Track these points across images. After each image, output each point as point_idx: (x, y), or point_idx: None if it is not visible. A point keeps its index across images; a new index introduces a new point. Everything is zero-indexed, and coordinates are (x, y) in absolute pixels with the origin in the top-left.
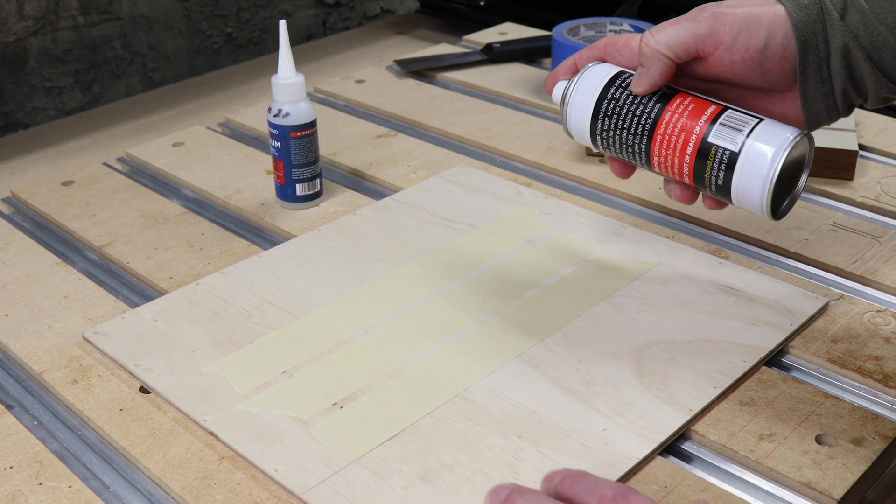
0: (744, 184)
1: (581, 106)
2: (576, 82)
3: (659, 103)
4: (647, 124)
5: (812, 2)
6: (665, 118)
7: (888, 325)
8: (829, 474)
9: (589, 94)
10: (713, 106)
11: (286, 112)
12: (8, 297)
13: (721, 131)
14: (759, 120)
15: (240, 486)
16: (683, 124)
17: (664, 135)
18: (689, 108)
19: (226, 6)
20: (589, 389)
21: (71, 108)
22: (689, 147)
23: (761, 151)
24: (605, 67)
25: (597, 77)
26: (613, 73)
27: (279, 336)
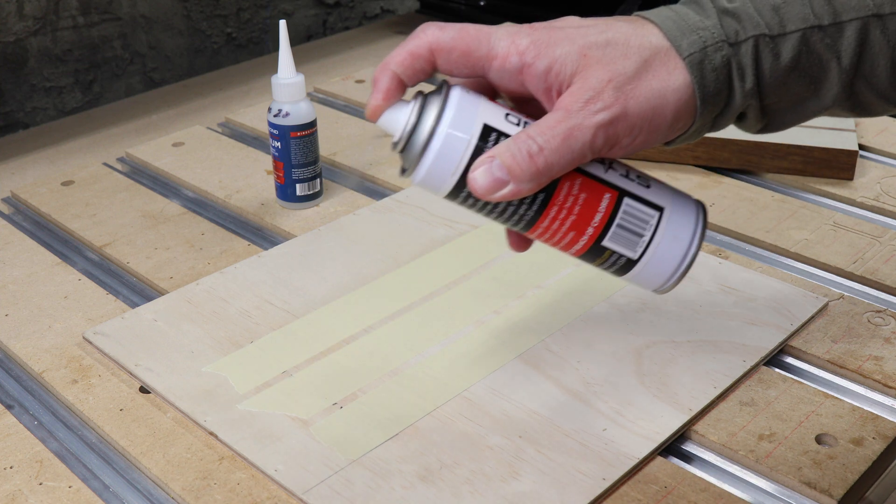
0: (640, 281)
1: (436, 170)
2: (427, 132)
3: (542, 193)
4: (527, 218)
5: (722, 64)
6: (549, 214)
7: (888, 325)
8: (829, 474)
9: (449, 163)
10: (608, 195)
11: (286, 112)
12: (8, 297)
13: (618, 235)
14: (661, 212)
15: (240, 486)
16: (573, 223)
17: (548, 229)
18: (580, 202)
19: (226, 6)
20: (589, 389)
21: (71, 108)
22: (576, 245)
23: (663, 262)
24: (467, 108)
25: (460, 130)
26: (481, 129)
27: (279, 336)
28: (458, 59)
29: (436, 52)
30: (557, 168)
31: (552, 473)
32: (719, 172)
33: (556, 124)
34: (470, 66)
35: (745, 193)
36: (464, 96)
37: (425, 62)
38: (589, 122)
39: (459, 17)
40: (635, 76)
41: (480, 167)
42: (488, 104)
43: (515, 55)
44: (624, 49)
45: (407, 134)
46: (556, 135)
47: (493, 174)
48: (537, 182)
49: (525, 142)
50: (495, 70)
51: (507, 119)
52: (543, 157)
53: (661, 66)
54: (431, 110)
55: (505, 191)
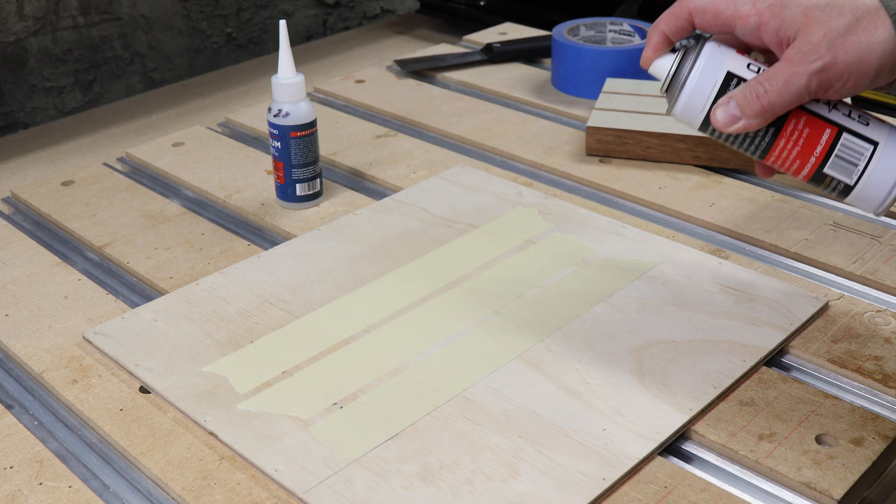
0: (858, 203)
1: (690, 106)
2: (684, 76)
3: (773, 126)
4: (762, 146)
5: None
6: (779, 145)
7: (888, 325)
8: (829, 474)
9: (700, 100)
10: (828, 131)
11: (286, 112)
12: (8, 297)
13: (836, 164)
14: (875, 146)
15: (240, 486)
16: (798, 152)
17: (778, 157)
18: (804, 136)
19: (226, 6)
20: (589, 389)
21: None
22: (803, 171)
23: (877, 188)
24: (716, 58)
25: (708, 75)
26: (725, 75)
27: (279, 336)
28: (710, 19)
29: (693, 14)
30: (779, 106)
31: (552, 473)
32: (719, 172)
33: (779, 71)
34: (720, 24)
35: (745, 193)
36: (714, 49)
37: (685, 21)
38: (805, 69)
39: (459, 17)
40: (847, 31)
41: (721, 106)
42: (735, 56)
43: (755, 15)
44: (839, 9)
45: (670, 77)
46: (779, 80)
47: (728, 111)
48: (763, 118)
49: (754, 86)
50: (739, 27)
51: (749, 68)
52: (768, 97)
53: (870, 24)
54: (689, 60)
55: (738, 125)
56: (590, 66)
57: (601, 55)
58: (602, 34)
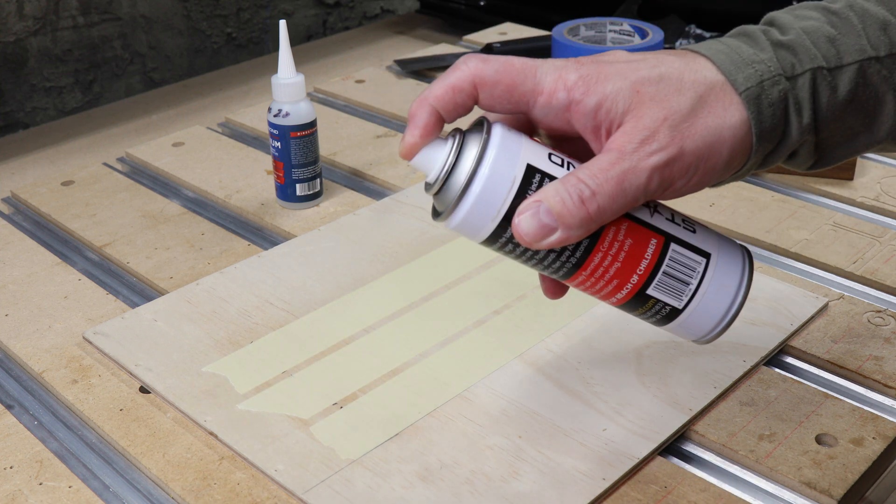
0: (682, 331)
1: (476, 213)
2: (468, 172)
3: (587, 238)
4: (568, 265)
5: (779, 99)
6: (592, 262)
7: (888, 325)
8: (829, 474)
9: (490, 206)
10: (654, 241)
11: (286, 112)
12: (8, 297)
13: (664, 283)
14: (707, 258)
15: (240, 486)
16: (617, 270)
17: (589, 278)
18: (625, 249)
19: (226, 6)
20: (589, 389)
21: (71, 108)
22: (619, 294)
23: (709, 311)
24: (510, 148)
25: (502, 171)
26: (524, 170)
27: (279, 336)
28: (502, 94)
29: (479, 86)
30: (609, 213)
31: (552, 473)
32: None
33: (609, 167)
34: (514, 102)
35: (745, 193)
36: (506, 134)
37: (467, 96)
38: (644, 164)
39: (459, 17)
40: (691, 113)
41: (526, 212)
42: (530, 143)
43: (563, 91)
44: (678, 84)
45: (444, 175)
46: (610, 178)
47: (540, 220)
48: (587, 228)
49: (576, 185)
50: (540, 106)
51: (551, 159)
52: (596, 202)
53: (717, 102)
54: (471, 149)
55: (552, 238)
56: None
57: None
58: (602, 34)
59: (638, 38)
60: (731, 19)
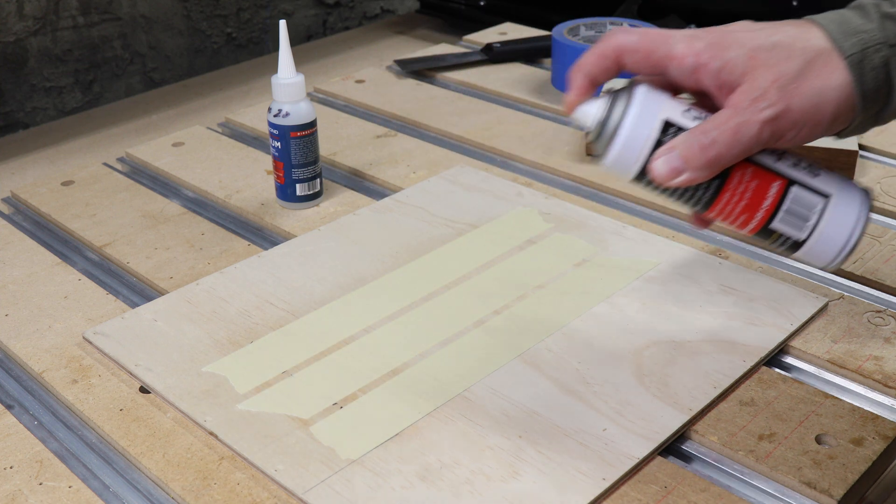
0: (807, 259)
1: (623, 157)
2: (615, 124)
3: (716, 179)
4: (704, 200)
5: (881, 64)
6: (723, 199)
7: (888, 325)
8: (829, 474)
9: (634, 151)
10: (777, 183)
11: (286, 112)
12: (8, 297)
13: (786, 219)
14: (827, 199)
15: (240, 486)
16: (744, 207)
17: (722, 211)
18: (751, 189)
19: (226, 6)
20: (589, 389)
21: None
22: (749, 226)
23: (828, 244)
24: (650, 104)
25: (643, 123)
26: (661, 123)
27: (279, 336)
28: (641, 60)
29: (622, 54)
30: (727, 159)
31: (552, 473)
32: None
33: (726, 120)
34: (651, 66)
35: None
36: (648, 93)
37: (612, 62)
38: (755, 118)
39: (459, 17)
40: (798, 76)
41: (661, 157)
42: (670, 101)
43: (691, 56)
44: (788, 51)
45: (598, 125)
46: (727, 129)
47: (671, 163)
48: (709, 171)
49: (699, 135)
50: (673, 69)
51: (686, 114)
52: (715, 149)
53: (823, 67)
54: (619, 105)
55: (681, 178)
56: None
57: None
58: (602, 34)
59: None
60: (732, 19)
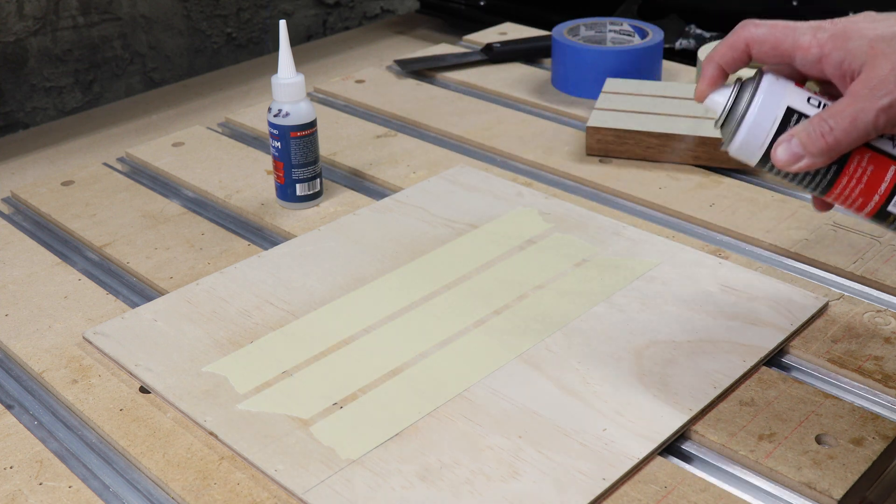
0: None
1: (748, 143)
2: (742, 111)
3: (835, 164)
4: (823, 184)
5: None
6: (841, 182)
7: (888, 325)
8: (829, 474)
9: (759, 137)
10: (894, 167)
11: (286, 112)
12: (8, 297)
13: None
14: None
15: (240, 486)
16: (861, 190)
17: (840, 195)
18: (868, 174)
19: (226, 6)
20: (589, 389)
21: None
22: (866, 208)
23: None
24: (775, 93)
25: (768, 110)
26: (785, 110)
27: (279, 336)
28: (769, 50)
29: (750, 45)
30: (845, 144)
31: (552, 473)
32: (719, 172)
33: (845, 108)
34: (778, 56)
35: (745, 193)
36: (773, 82)
37: (742, 53)
38: (873, 105)
39: (459, 17)
40: None
41: (782, 143)
42: (794, 89)
43: (816, 47)
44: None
45: (725, 112)
46: (845, 117)
47: (791, 149)
48: (828, 156)
49: (819, 123)
50: (799, 59)
51: (809, 102)
52: (833, 135)
53: None
54: (746, 94)
55: (801, 163)
56: (590, 66)
57: (601, 55)
58: (602, 34)
59: (638, 38)
60: (731, 19)
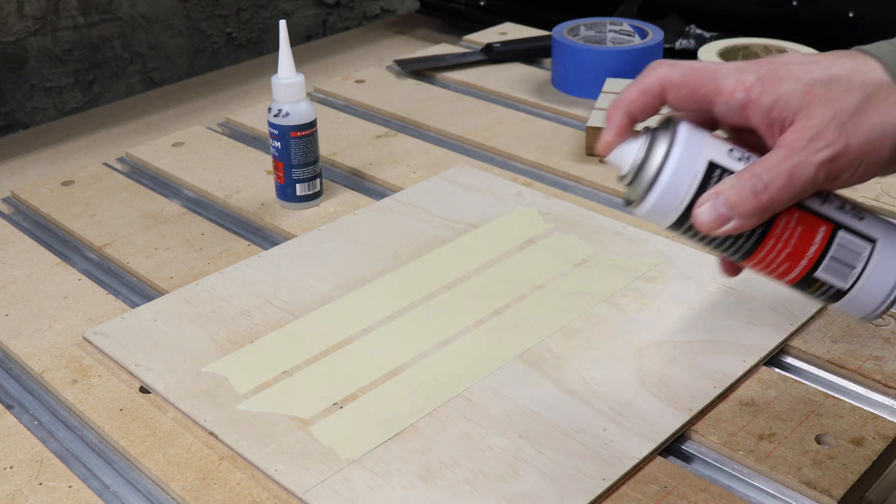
0: (848, 310)
1: (663, 202)
2: (656, 166)
3: (760, 226)
4: (744, 249)
5: None
6: (766, 246)
7: (888, 325)
8: (829, 474)
9: (676, 196)
10: (823, 228)
11: (286, 112)
12: (8, 297)
13: (831, 267)
14: (873, 244)
15: (240, 486)
16: (788, 255)
17: (763, 261)
18: (796, 235)
19: (226, 6)
20: (589, 389)
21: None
22: (790, 275)
23: (873, 293)
24: (694, 144)
25: (686, 166)
26: (706, 165)
27: (279, 336)
28: (687, 96)
29: (666, 89)
30: (780, 204)
31: (552, 473)
32: None
33: (780, 162)
34: (697, 102)
35: None
36: (690, 132)
37: (655, 98)
38: (812, 159)
39: (459, 17)
40: (857, 112)
41: (706, 203)
42: (713, 140)
43: (741, 91)
44: (847, 85)
45: (636, 168)
46: (781, 172)
47: (717, 210)
48: (759, 218)
49: (750, 179)
50: (721, 105)
51: (731, 154)
52: (768, 194)
53: (883, 102)
54: (660, 146)
55: (728, 226)
56: (590, 66)
57: (601, 55)
58: (602, 34)
59: (638, 38)
60: (731, 19)
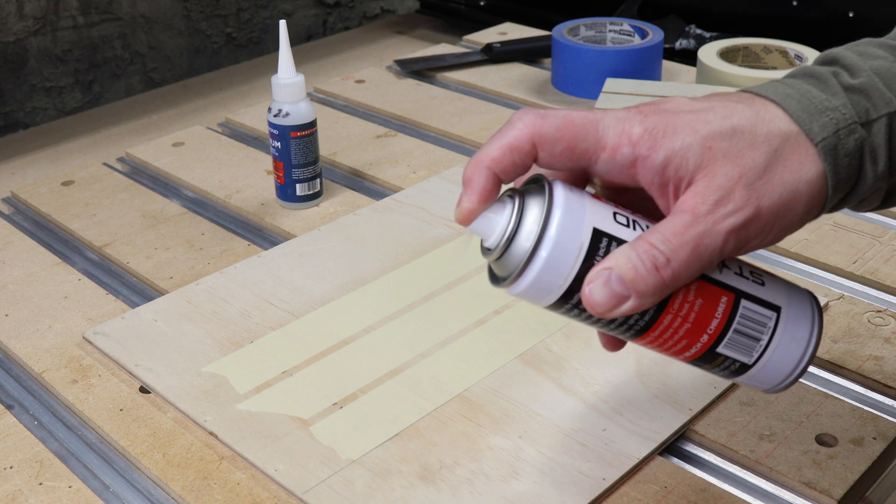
0: (752, 384)
1: (542, 280)
2: (534, 238)
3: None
4: (637, 327)
5: (855, 148)
6: (662, 323)
7: (888, 325)
8: (829, 474)
9: (557, 273)
10: (724, 299)
11: (286, 112)
12: (8, 297)
13: (734, 341)
14: (778, 312)
15: (240, 486)
16: (687, 331)
17: (659, 337)
18: (696, 309)
19: (226, 6)
20: (589, 389)
21: (71, 108)
22: (689, 352)
23: (779, 365)
24: (574, 210)
25: (568, 236)
26: (591, 233)
27: (279, 336)
28: (563, 152)
29: (538, 145)
30: (684, 279)
31: (552, 473)
32: None
33: (683, 230)
34: (575, 159)
35: None
36: (568, 195)
37: (525, 156)
38: (720, 227)
39: (459, 17)
40: (766, 169)
41: (597, 280)
42: (593, 202)
43: (628, 146)
44: (751, 138)
45: (506, 240)
46: (685, 243)
47: (612, 289)
48: (661, 295)
49: (648, 251)
50: (603, 162)
51: (617, 219)
52: (671, 268)
53: (793, 155)
54: (533, 213)
55: (625, 307)
56: (590, 66)
57: (601, 55)
58: (602, 34)
59: (638, 38)
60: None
